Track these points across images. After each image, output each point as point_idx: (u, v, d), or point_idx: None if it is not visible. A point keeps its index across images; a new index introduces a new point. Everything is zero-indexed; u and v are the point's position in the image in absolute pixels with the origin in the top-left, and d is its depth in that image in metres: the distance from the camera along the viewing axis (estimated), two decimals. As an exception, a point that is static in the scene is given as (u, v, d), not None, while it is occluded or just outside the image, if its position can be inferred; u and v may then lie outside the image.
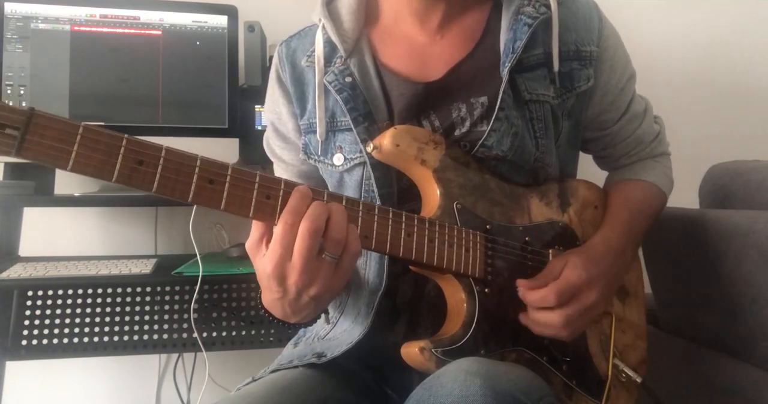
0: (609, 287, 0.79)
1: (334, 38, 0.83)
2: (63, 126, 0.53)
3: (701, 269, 1.03)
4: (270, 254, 0.62)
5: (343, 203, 0.66)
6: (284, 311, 0.69)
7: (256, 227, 0.65)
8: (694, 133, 1.82)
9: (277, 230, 0.61)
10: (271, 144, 0.95)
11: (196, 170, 0.58)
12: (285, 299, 0.65)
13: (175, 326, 1.47)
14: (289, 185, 0.63)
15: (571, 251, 0.80)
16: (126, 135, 0.56)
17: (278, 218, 0.62)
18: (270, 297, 0.68)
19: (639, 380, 0.83)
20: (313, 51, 0.86)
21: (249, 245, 0.66)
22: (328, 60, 0.84)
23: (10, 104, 0.54)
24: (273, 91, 0.92)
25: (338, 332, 0.84)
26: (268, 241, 0.63)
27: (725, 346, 1.02)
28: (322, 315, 0.86)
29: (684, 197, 1.13)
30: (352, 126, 0.78)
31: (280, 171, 0.95)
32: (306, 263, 0.61)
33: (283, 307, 0.68)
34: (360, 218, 0.66)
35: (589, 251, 0.79)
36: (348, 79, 0.81)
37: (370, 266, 0.82)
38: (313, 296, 0.64)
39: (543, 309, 0.74)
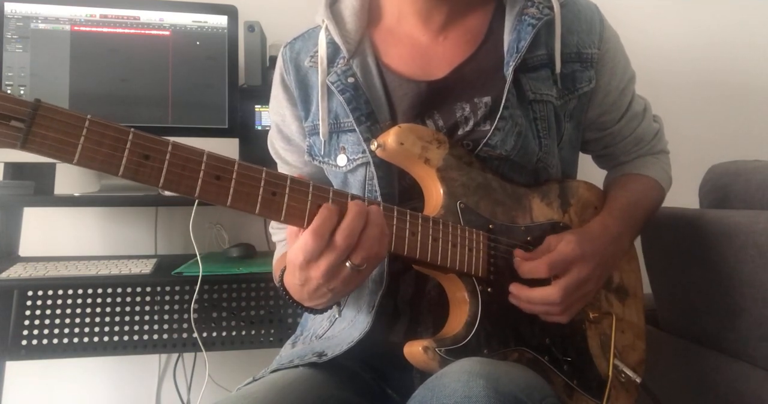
0: (603, 267, 0.79)
1: (337, 39, 0.84)
2: (69, 119, 0.53)
3: (701, 269, 1.03)
4: (298, 250, 0.63)
5: (348, 200, 0.65)
6: (301, 295, 0.72)
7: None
8: (694, 133, 1.83)
9: (306, 239, 0.62)
10: (275, 145, 0.96)
11: (203, 166, 0.58)
12: (304, 287, 0.68)
13: (175, 326, 1.47)
14: (295, 182, 0.63)
15: (569, 230, 0.81)
16: (133, 129, 0.56)
17: (284, 214, 0.62)
18: (291, 281, 0.71)
19: (638, 380, 0.83)
20: (317, 52, 0.86)
21: (288, 231, 0.68)
22: (331, 61, 0.85)
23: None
24: (277, 93, 0.92)
25: (337, 330, 0.84)
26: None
27: (725, 346, 1.02)
28: (334, 306, 0.86)
29: (684, 197, 1.13)
30: (355, 126, 0.79)
31: (283, 171, 0.95)
32: (329, 268, 0.63)
33: (300, 292, 0.70)
34: None
35: (586, 231, 0.80)
36: (350, 80, 0.81)
37: None
38: (331, 290, 0.66)
39: (539, 287, 0.74)
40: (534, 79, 0.82)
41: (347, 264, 0.63)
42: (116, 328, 1.44)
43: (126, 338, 1.44)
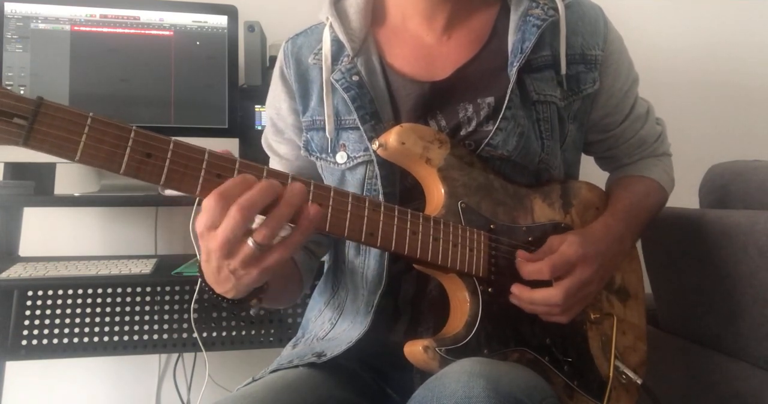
0: (605, 268, 0.79)
1: (342, 37, 0.84)
2: (71, 116, 0.53)
3: (701, 269, 1.03)
4: (199, 219, 0.59)
5: (349, 199, 0.65)
6: (209, 276, 0.66)
7: None
8: (694, 133, 1.83)
9: (208, 200, 0.58)
10: (268, 138, 0.96)
11: (204, 164, 0.58)
12: (208, 264, 0.63)
13: (175, 326, 1.47)
14: (296, 180, 0.62)
15: (571, 231, 0.80)
16: (134, 127, 0.56)
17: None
18: (201, 259, 0.66)
19: (639, 381, 0.83)
20: (320, 49, 0.86)
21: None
22: (335, 58, 0.85)
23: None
24: (275, 86, 0.92)
25: (338, 332, 0.84)
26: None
27: (725, 346, 1.02)
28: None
29: (684, 197, 1.13)
30: (359, 124, 0.79)
31: (275, 165, 0.95)
32: (227, 240, 0.58)
33: (206, 271, 0.65)
34: (366, 216, 0.66)
35: (589, 232, 0.80)
36: (355, 78, 0.81)
37: (368, 265, 0.82)
38: (232, 271, 0.61)
39: (540, 288, 0.74)
40: (538, 80, 0.82)
41: (249, 242, 0.59)
42: (116, 328, 1.44)
43: (126, 338, 1.44)
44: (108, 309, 1.44)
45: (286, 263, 0.77)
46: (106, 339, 1.43)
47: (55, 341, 1.40)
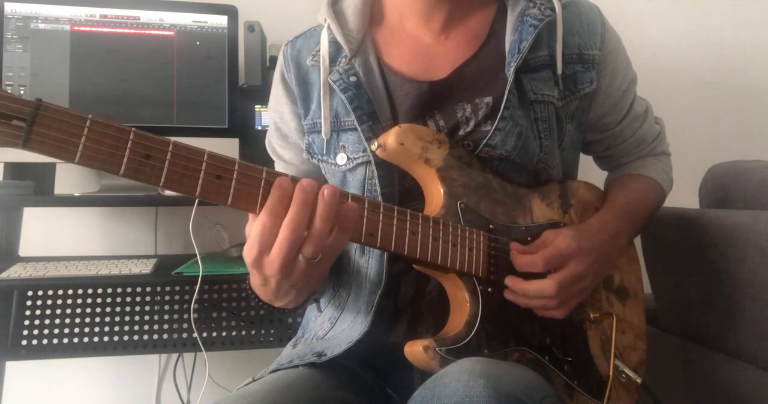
0: (599, 263, 0.78)
1: (339, 38, 0.84)
2: (70, 118, 0.53)
3: (701, 269, 1.03)
4: (249, 248, 0.61)
5: (349, 200, 0.65)
6: (267, 296, 0.71)
7: (252, 215, 0.65)
8: (694, 133, 1.83)
9: (256, 228, 0.60)
10: (272, 143, 0.96)
11: (204, 165, 0.59)
12: (266, 286, 0.66)
13: (175, 326, 1.47)
14: (296, 181, 0.63)
15: (567, 227, 0.81)
16: (133, 128, 0.56)
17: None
18: (254, 282, 0.70)
19: (639, 381, 0.83)
20: (318, 51, 0.87)
21: (247, 228, 0.66)
22: (333, 60, 0.85)
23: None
24: (277, 90, 0.92)
25: (337, 331, 0.84)
26: None
27: (725, 346, 1.02)
28: (314, 303, 0.86)
29: (684, 197, 1.13)
30: (357, 125, 0.79)
31: (280, 170, 0.95)
32: (284, 262, 0.61)
33: (265, 292, 0.70)
34: (365, 216, 0.66)
35: (584, 227, 0.81)
36: (353, 79, 0.81)
37: (371, 265, 0.82)
38: (294, 285, 0.65)
39: (535, 279, 0.73)
40: (535, 80, 0.82)
41: (300, 258, 0.61)
42: (116, 328, 1.44)
43: (126, 338, 1.44)
44: (108, 309, 1.45)
45: None
46: (106, 339, 1.43)
47: (55, 341, 1.41)
